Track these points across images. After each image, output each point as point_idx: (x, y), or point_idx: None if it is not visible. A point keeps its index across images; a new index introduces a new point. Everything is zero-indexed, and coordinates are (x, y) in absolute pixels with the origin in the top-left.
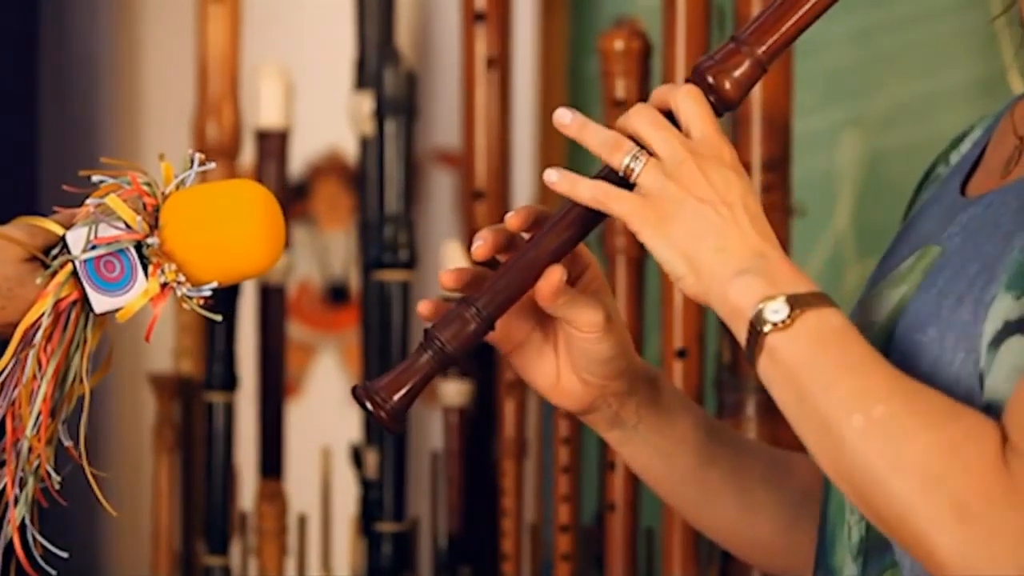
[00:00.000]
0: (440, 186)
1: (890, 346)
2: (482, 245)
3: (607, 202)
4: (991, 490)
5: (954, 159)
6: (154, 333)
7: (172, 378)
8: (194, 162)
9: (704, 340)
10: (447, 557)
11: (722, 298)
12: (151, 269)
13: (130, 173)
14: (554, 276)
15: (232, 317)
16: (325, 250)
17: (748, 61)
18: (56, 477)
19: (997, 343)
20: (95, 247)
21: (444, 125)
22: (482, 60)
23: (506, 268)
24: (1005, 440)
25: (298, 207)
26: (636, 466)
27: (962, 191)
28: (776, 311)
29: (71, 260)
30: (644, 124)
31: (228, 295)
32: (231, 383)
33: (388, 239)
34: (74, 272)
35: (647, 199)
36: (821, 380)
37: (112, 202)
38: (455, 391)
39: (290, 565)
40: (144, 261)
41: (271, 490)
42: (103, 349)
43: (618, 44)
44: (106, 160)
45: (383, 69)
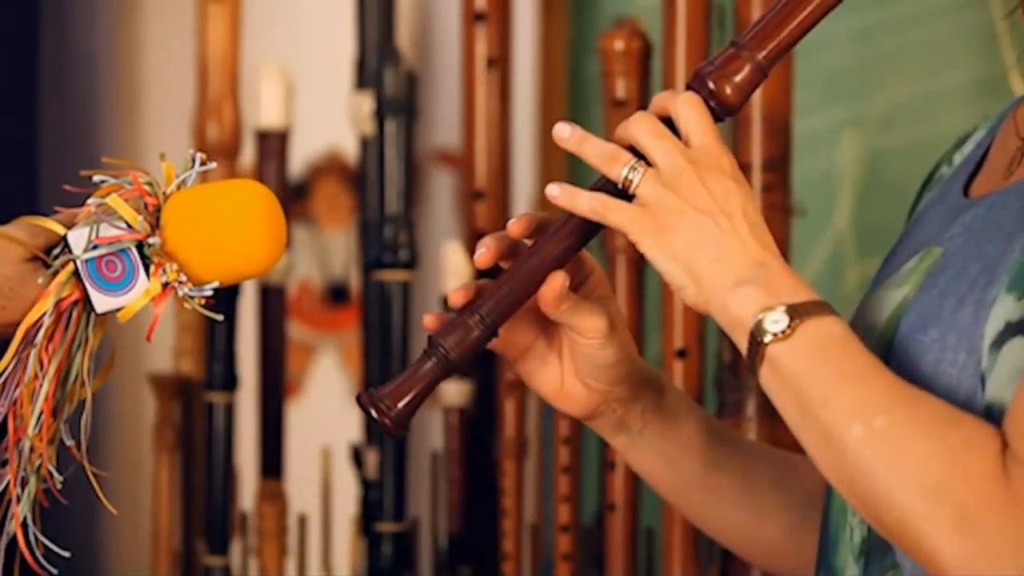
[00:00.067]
0: (440, 186)
1: (892, 347)
2: (485, 253)
3: (605, 214)
4: (991, 498)
5: (957, 160)
6: (154, 333)
7: (172, 378)
8: (195, 162)
9: (704, 340)
10: (447, 557)
11: (722, 308)
12: (152, 269)
13: (131, 173)
14: (556, 282)
15: (232, 317)
16: (325, 250)
17: (749, 66)
18: (58, 476)
19: (998, 344)
20: (97, 247)
21: (444, 125)
22: (482, 60)
23: (509, 275)
24: (1006, 447)
25: (298, 207)
26: (642, 471)
27: (965, 192)
28: (776, 321)
29: (73, 260)
30: (644, 133)
31: (228, 295)
32: (231, 383)
33: (388, 239)
34: (75, 272)
35: (646, 209)
36: (821, 389)
37: (114, 202)
38: (455, 391)
39: (290, 565)
40: (145, 261)
41: (271, 490)
42: (104, 350)
43: (618, 44)
44: (107, 160)
45: (383, 69)
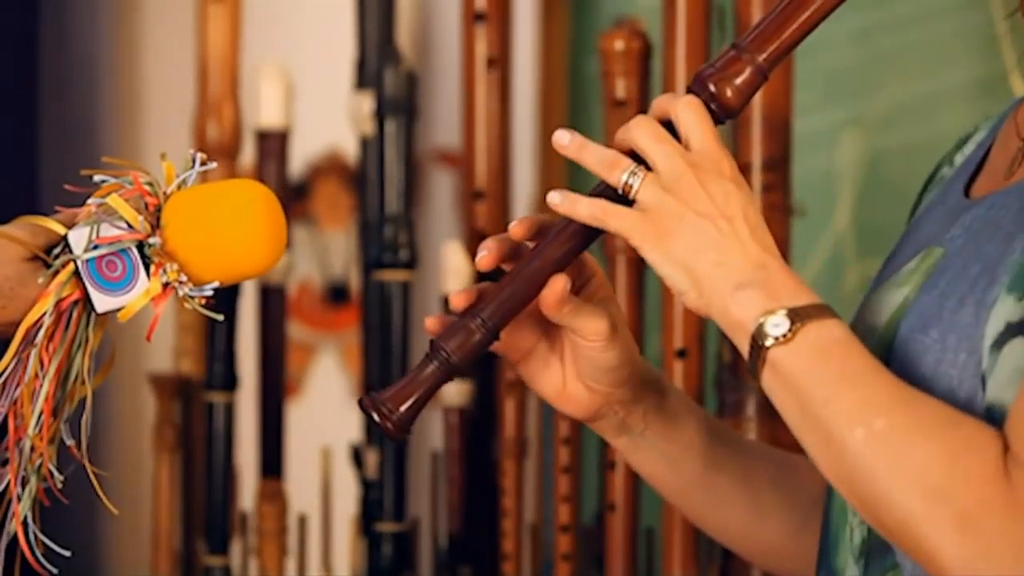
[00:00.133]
0: (440, 186)
1: (892, 348)
2: (487, 255)
3: (605, 219)
4: (992, 501)
5: (958, 160)
6: (154, 333)
7: (172, 378)
8: (195, 162)
9: (704, 340)
10: (447, 557)
11: (724, 312)
12: (153, 269)
13: (132, 173)
14: (558, 285)
15: (232, 317)
16: (325, 250)
17: (749, 68)
18: (59, 476)
19: (999, 345)
20: (97, 246)
21: (444, 125)
22: (482, 60)
23: (510, 278)
24: (1007, 450)
25: (298, 207)
26: (644, 472)
27: (966, 193)
28: (777, 325)
29: (73, 259)
30: (644, 137)
31: (229, 295)
32: (231, 383)
33: (388, 239)
34: (76, 272)
35: (646, 214)
36: (823, 393)
37: (114, 202)
38: (455, 391)
39: (290, 565)
40: (146, 261)
41: (271, 490)
42: (104, 349)
43: (618, 44)
44: (107, 160)
45: (383, 69)
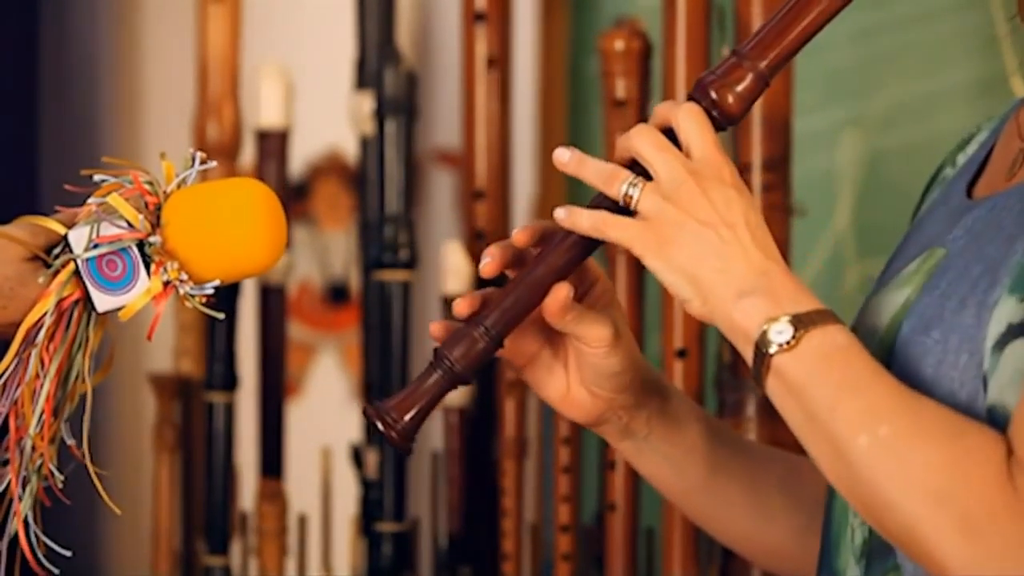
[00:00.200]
0: (440, 186)
1: (894, 349)
2: (490, 262)
3: (606, 231)
4: (996, 505)
5: (960, 161)
6: (155, 333)
7: (172, 378)
8: (195, 161)
9: (704, 340)
10: (447, 557)
11: (727, 319)
12: (153, 268)
13: (132, 172)
14: (561, 293)
15: (232, 317)
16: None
17: (750, 75)
18: (59, 476)
19: (1001, 346)
20: (97, 246)
21: (444, 125)
22: (482, 60)
23: (514, 286)
24: (1010, 454)
25: (298, 207)
26: (648, 476)
27: (968, 193)
28: (781, 332)
29: (73, 259)
30: (644, 145)
31: (229, 295)
32: (231, 383)
33: (388, 239)
34: (76, 271)
35: (648, 224)
36: (826, 400)
37: (114, 201)
38: (455, 392)
39: (290, 565)
40: (146, 260)
41: (271, 490)
42: (104, 349)
43: (618, 44)
44: (107, 159)
45: (383, 69)
